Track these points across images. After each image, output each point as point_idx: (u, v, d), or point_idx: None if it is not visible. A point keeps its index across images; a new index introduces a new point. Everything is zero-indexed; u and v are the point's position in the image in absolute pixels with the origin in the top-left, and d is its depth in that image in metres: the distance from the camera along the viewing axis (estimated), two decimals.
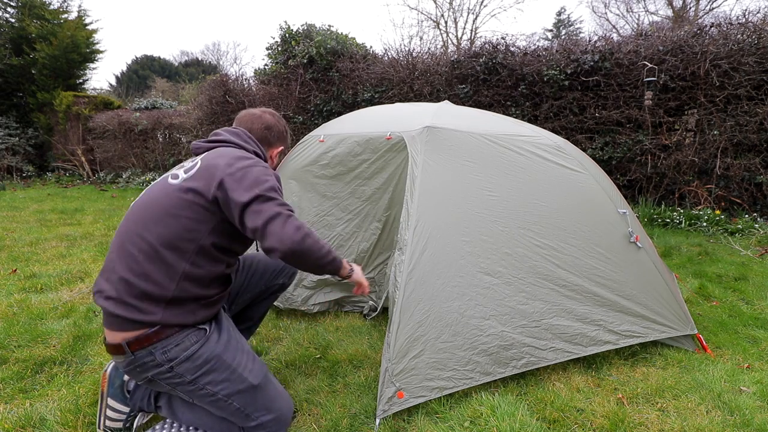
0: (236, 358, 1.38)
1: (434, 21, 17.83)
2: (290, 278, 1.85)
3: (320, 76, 7.13)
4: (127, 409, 1.54)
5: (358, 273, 1.49)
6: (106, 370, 1.56)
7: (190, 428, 1.55)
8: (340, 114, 6.77)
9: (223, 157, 1.34)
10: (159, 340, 1.27)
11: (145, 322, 1.25)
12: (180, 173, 1.35)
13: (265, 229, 1.21)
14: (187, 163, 1.41)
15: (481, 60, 5.73)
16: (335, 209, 2.58)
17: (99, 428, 1.53)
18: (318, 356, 2.12)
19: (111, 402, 1.52)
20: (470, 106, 5.87)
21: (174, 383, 1.33)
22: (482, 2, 17.55)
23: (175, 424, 1.57)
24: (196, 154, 1.47)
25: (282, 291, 1.86)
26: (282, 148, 1.71)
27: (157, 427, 1.57)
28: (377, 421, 1.57)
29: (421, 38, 18.71)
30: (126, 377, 1.56)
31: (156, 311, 1.26)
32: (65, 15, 11.81)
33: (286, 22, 7.65)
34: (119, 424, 1.54)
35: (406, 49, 7.43)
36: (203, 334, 1.35)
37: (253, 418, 1.38)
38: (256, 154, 1.53)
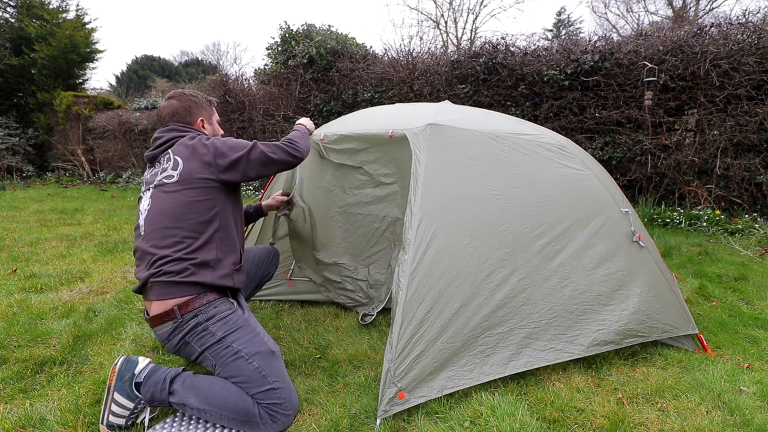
0: (256, 328, 1.64)
1: (434, 21, 17.83)
2: (276, 266, 2.23)
3: (320, 76, 7.13)
4: (131, 405, 1.54)
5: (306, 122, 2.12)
6: (115, 364, 1.57)
7: (192, 421, 1.57)
8: (340, 114, 6.77)
9: (193, 144, 1.67)
10: (203, 304, 1.55)
11: (198, 283, 1.55)
12: (169, 173, 1.64)
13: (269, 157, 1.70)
14: (164, 164, 1.69)
15: (481, 60, 5.74)
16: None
17: (102, 423, 1.53)
18: (318, 356, 2.12)
19: (117, 396, 1.53)
20: (470, 106, 5.87)
21: (205, 340, 1.54)
22: (482, 2, 17.56)
23: (176, 423, 1.58)
24: (153, 159, 1.75)
25: (269, 279, 2.23)
26: (202, 118, 1.88)
27: (158, 426, 1.57)
28: (378, 421, 1.57)
29: (421, 38, 18.73)
30: (137, 370, 1.56)
31: (206, 273, 1.56)
32: (64, 14, 11.81)
33: (286, 22, 7.66)
34: (122, 421, 1.53)
35: (406, 49, 7.43)
36: (234, 306, 1.64)
37: (269, 381, 1.52)
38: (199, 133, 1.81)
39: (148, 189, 1.69)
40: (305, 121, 2.13)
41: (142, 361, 1.60)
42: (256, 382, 1.52)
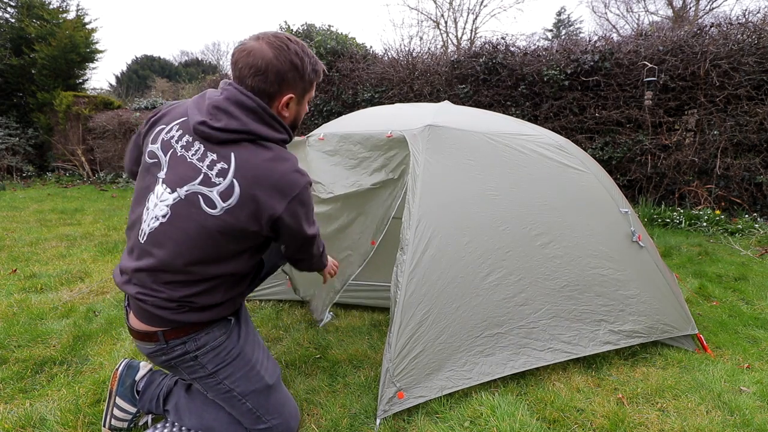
0: (255, 353, 1.39)
1: (434, 21, 17.83)
2: (285, 259, 1.88)
3: None
4: (134, 410, 1.54)
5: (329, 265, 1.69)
6: (117, 369, 1.57)
7: (191, 430, 1.55)
8: (340, 114, 6.77)
9: (267, 179, 1.15)
10: (195, 331, 1.29)
11: (189, 322, 1.27)
12: (212, 195, 1.15)
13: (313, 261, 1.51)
14: (210, 169, 1.16)
15: (481, 60, 5.73)
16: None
17: (104, 426, 1.53)
18: (318, 356, 2.12)
19: (119, 401, 1.52)
20: (470, 106, 5.87)
21: (194, 371, 1.33)
22: (482, 2, 17.55)
23: (176, 424, 1.57)
24: (204, 138, 1.17)
25: (274, 271, 1.86)
26: (292, 94, 1.25)
27: (159, 425, 1.57)
28: (378, 421, 1.57)
29: (421, 38, 18.73)
30: (137, 377, 1.56)
31: (202, 315, 1.27)
32: (64, 15, 11.81)
33: (286, 22, 7.66)
34: (124, 424, 1.54)
35: (406, 49, 7.43)
36: (228, 325, 1.36)
37: (264, 421, 1.38)
38: (284, 141, 1.27)
39: (174, 190, 1.18)
40: (330, 261, 1.69)
41: (143, 368, 1.58)
42: (250, 421, 1.39)
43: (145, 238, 1.22)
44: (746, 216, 4.69)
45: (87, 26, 12.04)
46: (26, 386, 1.85)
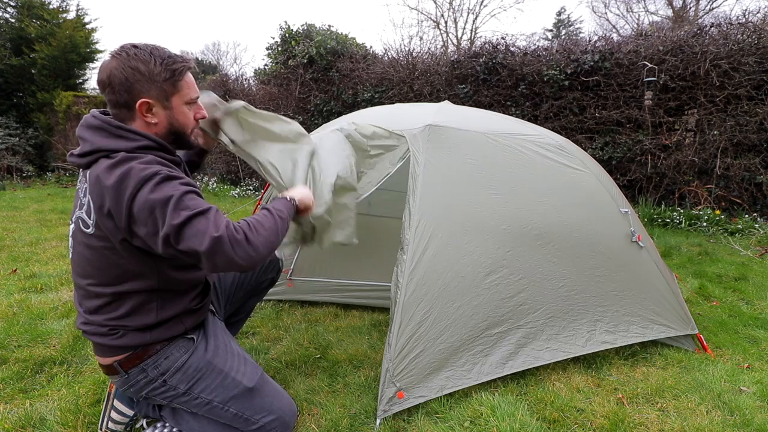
0: (227, 362, 1.36)
1: (434, 21, 17.82)
2: (278, 273, 1.86)
3: (320, 76, 7.13)
4: (131, 413, 1.54)
5: (298, 194, 1.38)
6: None
7: None
8: (340, 114, 6.77)
9: (105, 186, 1.10)
10: (149, 356, 1.27)
11: (134, 346, 1.25)
12: (84, 215, 1.18)
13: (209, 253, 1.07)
14: (81, 194, 1.21)
15: (481, 60, 5.74)
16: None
17: (100, 429, 1.52)
18: (318, 356, 2.12)
19: (117, 404, 1.52)
20: (470, 106, 5.87)
21: (169, 396, 1.32)
22: (482, 2, 17.54)
23: (173, 427, 1.57)
24: (79, 167, 1.23)
25: (272, 285, 1.87)
26: (153, 94, 1.20)
27: (159, 425, 1.57)
28: (378, 421, 1.57)
29: (421, 38, 18.72)
30: None
31: (143, 336, 1.25)
32: (64, 15, 11.81)
33: (286, 22, 7.66)
34: (121, 427, 1.54)
35: (406, 49, 7.43)
36: (191, 344, 1.34)
37: (254, 422, 1.36)
38: (144, 148, 1.20)
39: (72, 221, 1.25)
40: (299, 194, 1.39)
41: None
42: (241, 425, 1.37)
43: (72, 272, 1.28)
44: (746, 216, 4.69)
45: (87, 26, 12.04)
46: (26, 386, 1.85)
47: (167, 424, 1.54)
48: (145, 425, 1.58)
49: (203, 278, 1.39)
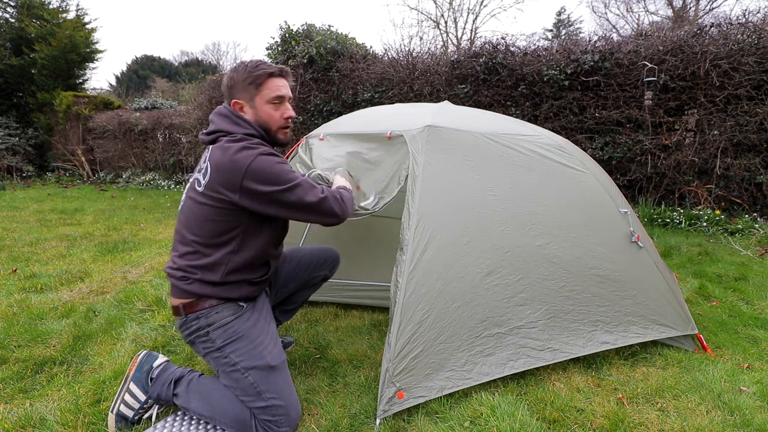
0: (260, 336, 1.54)
1: (434, 21, 17.83)
2: (332, 270, 2.03)
3: (320, 76, 7.13)
4: (143, 398, 1.58)
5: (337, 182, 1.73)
6: (138, 355, 1.66)
7: (193, 420, 1.59)
8: (340, 114, 6.77)
9: (228, 155, 1.44)
10: (205, 308, 1.51)
11: (199, 294, 1.50)
12: (200, 177, 1.51)
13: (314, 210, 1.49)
14: (202, 162, 1.55)
15: (481, 60, 5.74)
16: None
17: (111, 413, 1.56)
18: (318, 356, 2.12)
19: (132, 386, 1.58)
20: (470, 106, 5.87)
21: (207, 348, 1.52)
22: (482, 2, 17.56)
23: (176, 422, 1.58)
24: (204, 144, 1.62)
25: (324, 282, 2.05)
26: (237, 100, 1.58)
27: (159, 425, 1.57)
28: (377, 421, 1.57)
29: (421, 38, 18.72)
30: (155, 364, 1.65)
31: (206, 289, 1.51)
32: (64, 14, 11.81)
33: (286, 22, 7.65)
34: (131, 413, 1.56)
35: (406, 49, 7.42)
36: (240, 310, 1.55)
37: (264, 398, 1.47)
38: (250, 135, 1.54)
39: (188, 180, 1.67)
40: (342, 181, 1.75)
41: (161, 358, 1.69)
42: (252, 397, 1.48)
43: (176, 221, 1.62)
44: (746, 216, 4.69)
45: (87, 26, 12.05)
46: (26, 386, 1.85)
47: (177, 419, 1.58)
48: (154, 418, 1.61)
49: (273, 256, 1.65)
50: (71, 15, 11.93)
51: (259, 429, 1.47)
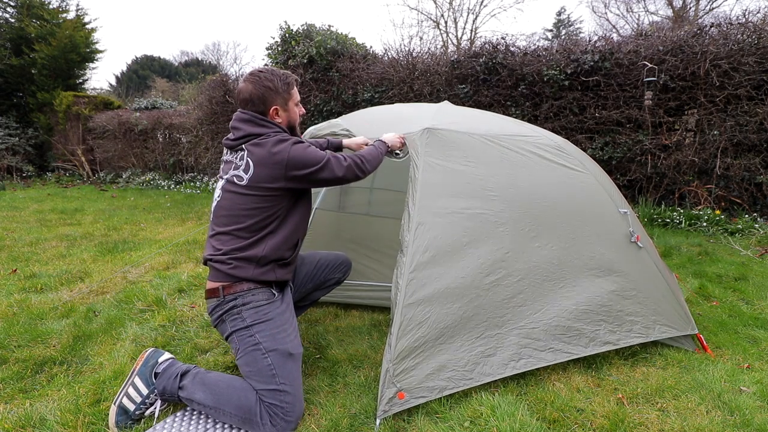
0: (285, 324, 1.68)
1: (434, 21, 17.82)
2: (345, 274, 2.17)
3: (320, 76, 7.13)
4: (146, 392, 1.61)
5: (389, 139, 1.97)
6: (146, 351, 1.72)
7: (192, 421, 1.60)
8: (340, 114, 6.77)
9: (267, 149, 1.65)
10: (242, 290, 1.66)
11: (240, 277, 1.66)
12: (241, 173, 1.68)
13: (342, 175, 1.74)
14: (237, 161, 1.70)
15: (481, 60, 5.73)
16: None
17: (114, 404, 1.58)
18: (318, 356, 2.12)
19: (136, 380, 1.62)
20: (470, 106, 5.87)
21: (235, 323, 1.64)
22: (482, 2, 17.54)
23: (176, 421, 1.58)
24: (231, 148, 1.77)
25: (337, 285, 2.18)
26: (277, 106, 1.76)
27: (158, 426, 1.57)
28: (377, 421, 1.57)
29: (421, 38, 18.72)
30: (160, 359, 1.70)
31: (247, 271, 1.66)
32: (64, 14, 11.81)
33: (286, 22, 7.65)
34: (132, 406, 1.58)
35: (406, 49, 7.42)
36: (272, 297, 1.71)
37: (276, 382, 1.55)
38: (277, 133, 1.74)
39: (222, 178, 1.76)
40: (390, 138, 1.98)
41: (167, 354, 1.74)
42: (265, 378, 1.56)
43: (212, 214, 1.78)
44: (746, 216, 4.69)
45: (87, 26, 12.05)
46: (26, 386, 1.85)
47: (177, 420, 1.59)
48: (157, 413, 1.62)
49: (302, 232, 1.82)
50: (71, 15, 11.93)
51: (264, 415, 1.52)
